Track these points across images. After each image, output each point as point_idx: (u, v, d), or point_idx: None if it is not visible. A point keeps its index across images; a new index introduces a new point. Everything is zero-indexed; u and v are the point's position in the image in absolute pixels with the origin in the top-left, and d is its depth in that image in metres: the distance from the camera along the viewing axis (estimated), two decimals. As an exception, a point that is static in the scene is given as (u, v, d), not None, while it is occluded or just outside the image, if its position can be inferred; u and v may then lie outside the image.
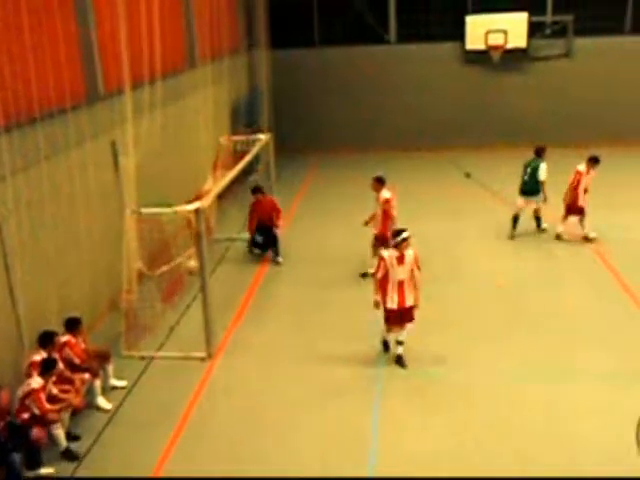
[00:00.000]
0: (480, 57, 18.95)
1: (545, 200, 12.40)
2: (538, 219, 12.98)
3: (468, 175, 17.04)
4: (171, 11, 12.74)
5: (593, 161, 12.21)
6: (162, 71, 10.56)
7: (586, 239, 12.44)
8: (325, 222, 14.19)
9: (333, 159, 19.05)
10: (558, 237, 12.61)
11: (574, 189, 12.26)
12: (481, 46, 18.66)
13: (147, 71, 9.66)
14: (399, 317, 8.35)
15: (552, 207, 12.50)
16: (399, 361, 8.55)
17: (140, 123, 9.52)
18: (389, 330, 8.58)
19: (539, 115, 19.28)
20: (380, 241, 10.61)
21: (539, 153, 12.60)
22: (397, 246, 8.15)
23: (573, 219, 12.52)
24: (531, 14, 18.51)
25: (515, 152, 18.73)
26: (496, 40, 18.49)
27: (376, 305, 8.35)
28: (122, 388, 8.30)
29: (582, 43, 18.62)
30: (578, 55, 18.72)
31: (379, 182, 10.77)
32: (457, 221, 13.94)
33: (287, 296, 10.89)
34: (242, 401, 8.03)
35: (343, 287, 10.98)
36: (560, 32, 18.75)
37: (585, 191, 12.26)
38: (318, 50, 19.80)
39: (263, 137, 12.94)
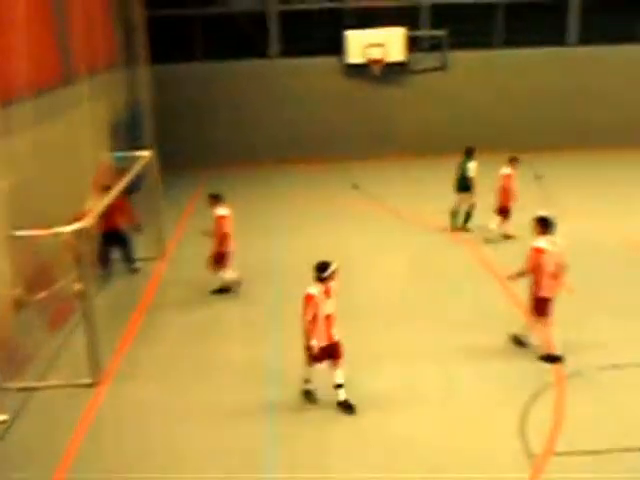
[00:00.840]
0: (361, 71, 19.42)
1: (474, 195, 13.28)
2: (468, 215, 13.65)
3: (356, 186, 17.35)
4: (41, 26, 12.22)
5: (515, 161, 12.99)
6: (34, 87, 10.10)
7: (507, 236, 13.19)
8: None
9: (221, 175, 18.87)
10: (507, 237, 13.17)
11: (504, 191, 12.95)
12: (361, 60, 19.13)
13: (16, 87, 9.20)
14: (327, 353, 7.72)
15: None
16: (346, 406, 7.74)
17: (12, 143, 9.05)
18: (311, 367, 7.85)
19: (420, 125, 19.97)
20: (216, 260, 10.74)
21: (469, 153, 13.38)
22: (323, 280, 7.56)
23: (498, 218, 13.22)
24: (408, 29, 19.19)
25: (400, 161, 19.48)
26: (375, 54, 19.02)
27: (311, 349, 7.61)
28: (2, 423, 7.79)
29: (457, 56, 19.45)
30: (453, 68, 19.52)
31: (214, 199, 10.79)
32: (344, 231, 14.17)
33: (178, 313, 10.66)
34: (132, 428, 7.73)
35: (230, 303, 10.93)
36: (436, 46, 19.51)
37: (511, 191, 12.98)
38: (201, 65, 19.66)
39: (145, 154, 12.63)
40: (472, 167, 13.26)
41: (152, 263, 12.64)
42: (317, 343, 7.58)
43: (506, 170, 13.04)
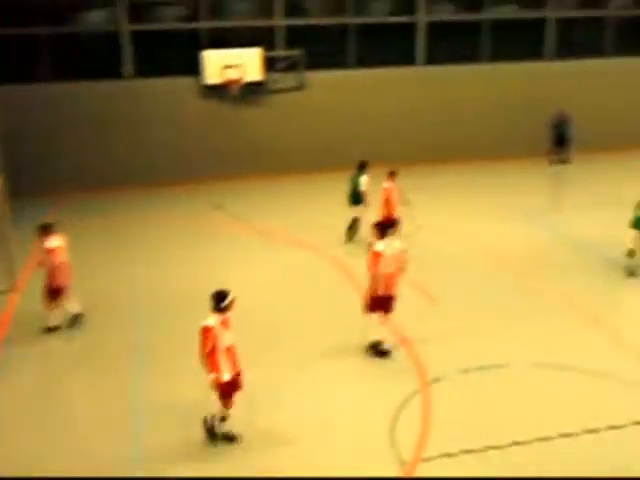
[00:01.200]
0: (219, 91, 19.31)
1: (366, 207, 13.66)
2: (354, 227, 13.98)
3: (219, 207, 17.17)
4: None
5: (393, 174, 13.42)
6: None
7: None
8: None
9: (76, 201, 18.05)
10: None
11: (386, 204, 13.20)
12: (219, 80, 19.04)
13: None
14: (235, 386, 7.46)
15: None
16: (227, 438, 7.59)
17: None
18: (228, 408, 7.43)
19: (281, 144, 20.15)
20: (50, 295, 10.30)
21: (361, 167, 13.82)
22: (222, 310, 7.27)
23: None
24: (265, 49, 19.35)
25: (264, 180, 19.52)
26: (233, 74, 19.00)
27: (216, 382, 7.22)
28: None
29: (313, 76, 19.82)
30: (310, 87, 19.86)
31: (44, 230, 10.31)
32: (209, 254, 13.96)
33: (31, 346, 10.00)
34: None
35: (85, 337, 10.44)
36: (293, 66, 19.79)
37: (394, 204, 13.30)
38: (48, 86, 18.73)
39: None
40: (363, 181, 13.69)
41: (3, 295, 11.82)
42: (228, 376, 7.27)
43: (386, 184, 13.43)
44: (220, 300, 7.27)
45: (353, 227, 14.11)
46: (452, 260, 13.27)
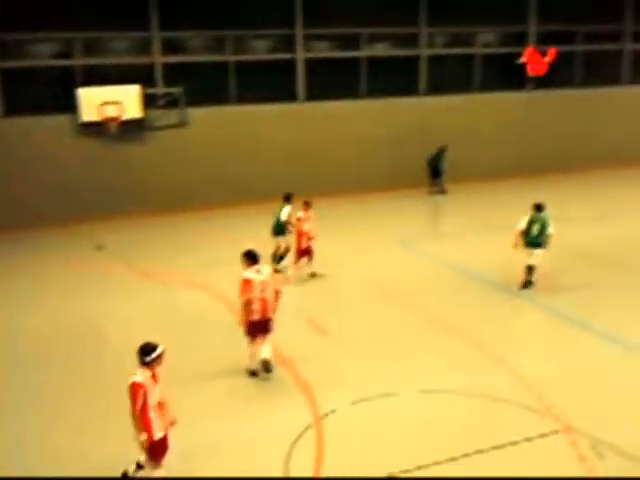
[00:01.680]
0: (97, 129, 18.78)
1: (290, 233, 14.08)
2: (279, 257, 14.23)
3: (100, 248, 16.56)
4: None
5: (308, 204, 13.76)
6: None
7: (312, 275, 14.01)
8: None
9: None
10: (313, 275, 13.98)
11: (299, 234, 13.58)
12: (96, 118, 18.52)
13: None
14: (166, 444, 7.02)
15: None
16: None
17: None
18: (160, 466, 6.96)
19: (165, 181, 19.81)
20: None
21: (287, 199, 14.20)
22: (150, 364, 6.85)
23: (304, 260, 13.81)
24: (144, 86, 19.05)
25: (148, 219, 19.04)
26: (111, 112, 18.56)
27: (148, 442, 6.75)
28: None
29: (195, 112, 19.69)
30: (193, 124, 19.70)
31: None
32: (87, 297, 13.38)
33: None
34: None
35: None
36: (174, 103, 19.58)
37: (308, 233, 13.72)
38: None
39: None
40: (285, 212, 14.03)
41: None
42: (159, 435, 6.83)
43: (301, 214, 13.69)
44: (147, 353, 6.87)
45: (276, 256, 14.25)
46: (339, 291, 13.41)
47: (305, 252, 13.82)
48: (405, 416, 8.71)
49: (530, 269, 13.00)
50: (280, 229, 14.12)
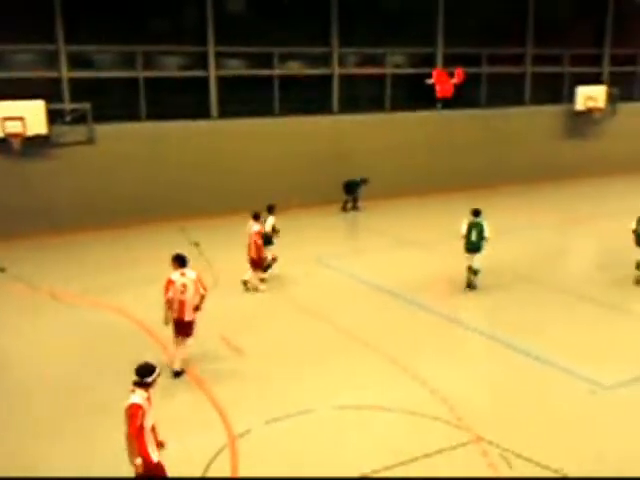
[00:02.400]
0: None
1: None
2: (266, 267, 14.53)
3: (2, 270, 15.78)
4: None
5: (258, 217, 14.16)
6: None
7: (245, 283, 14.31)
8: None
9: None
10: (245, 283, 14.24)
11: (255, 246, 13.91)
12: (-1, 134, 17.78)
13: None
14: (162, 467, 6.83)
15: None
16: None
17: None
18: None
19: (74, 198, 19.16)
20: None
21: (270, 210, 14.99)
22: (148, 385, 6.73)
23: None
24: (49, 102, 18.41)
25: (57, 238, 18.31)
26: (14, 128, 17.81)
27: (144, 466, 6.53)
28: None
29: (103, 129, 19.18)
30: (100, 140, 19.18)
31: None
32: None
33: None
34: None
35: None
36: (81, 119, 19.00)
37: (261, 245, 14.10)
38: None
39: None
40: (269, 223, 14.65)
41: None
42: (157, 457, 6.68)
43: (255, 227, 14.05)
44: (146, 374, 6.73)
45: (269, 265, 14.71)
46: (254, 308, 13.28)
47: (260, 263, 14.23)
48: (321, 433, 8.65)
49: (475, 272, 13.88)
50: (266, 239, 14.47)
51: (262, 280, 14.32)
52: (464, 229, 13.72)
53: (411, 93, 24.96)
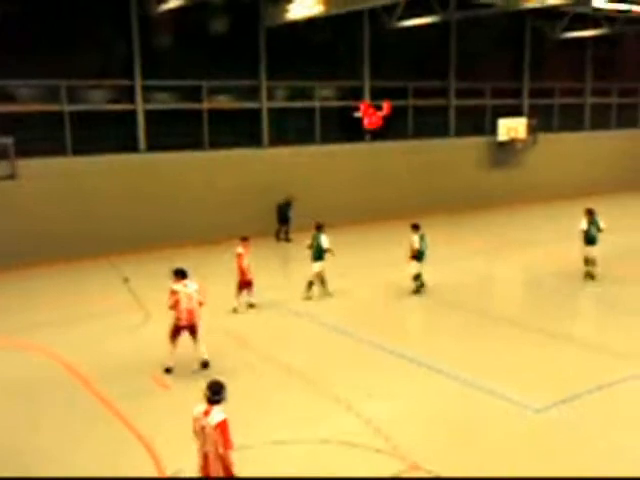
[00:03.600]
0: None
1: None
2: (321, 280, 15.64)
3: None
4: None
5: (246, 240, 14.71)
6: None
7: (251, 306, 14.94)
8: None
9: None
10: (235, 310, 14.73)
11: (240, 268, 14.43)
12: None
13: None
14: None
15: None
16: None
17: None
18: None
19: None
20: None
21: (319, 228, 15.72)
22: (214, 402, 6.99)
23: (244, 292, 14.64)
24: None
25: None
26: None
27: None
28: None
29: (26, 164, 18.63)
30: (23, 176, 18.60)
31: None
32: None
33: None
34: None
35: None
36: (2, 154, 18.41)
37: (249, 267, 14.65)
38: None
39: None
40: (324, 239, 15.43)
41: None
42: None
43: (240, 249, 14.53)
44: (220, 391, 7.02)
45: (315, 282, 15.55)
46: (186, 346, 12.98)
47: (246, 284, 14.75)
48: (259, 469, 8.47)
49: (414, 277, 15.76)
50: (319, 255, 15.38)
51: (252, 305, 15.08)
52: (416, 244, 15.61)
53: (340, 125, 25.32)
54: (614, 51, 32.92)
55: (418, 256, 15.69)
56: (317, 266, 15.56)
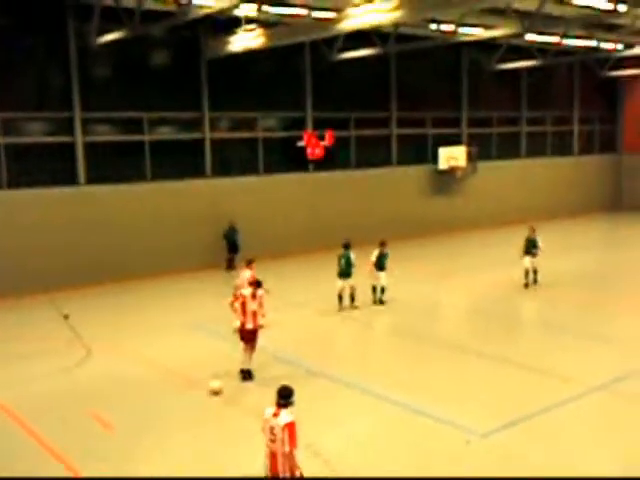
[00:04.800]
0: None
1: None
2: (351, 297, 16.92)
3: None
4: None
5: (251, 262, 15.58)
6: None
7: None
8: None
9: None
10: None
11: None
12: None
13: None
14: None
15: None
16: None
17: None
18: None
19: None
20: None
21: (347, 247, 16.87)
22: (284, 406, 7.26)
23: None
24: None
25: None
26: None
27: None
28: None
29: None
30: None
31: None
32: None
33: None
34: None
35: None
36: None
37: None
38: None
39: None
40: (353, 257, 16.75)
41: None
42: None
43: (246, 272, 15.32)
44: (289, 395, 7.33)
45: (343, 296, 16.78)
46: (126, 380, 12.67)
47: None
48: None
49: (381, 289, 17.34)
50: (348, 272, 16.58)
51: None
52: (374, 257, 17.22)
53: (283, 155, 25.43)
54: (547, 81, 34.14)
55: (379, 267, 17.24)
56: (345, 282, 16.87)
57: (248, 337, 12.47)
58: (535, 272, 19.18)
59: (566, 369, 12.63)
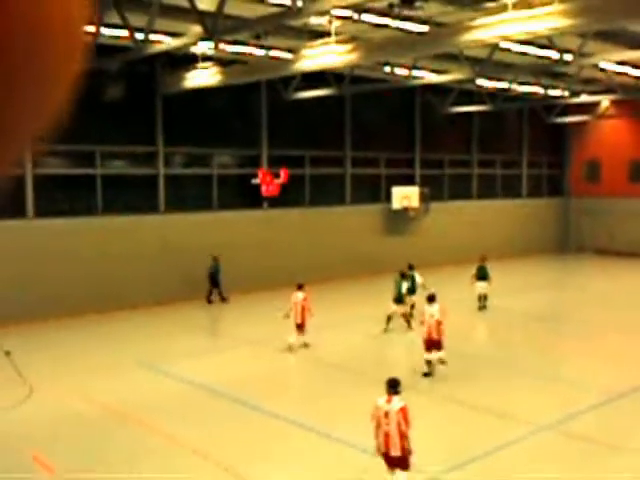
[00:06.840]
0: None
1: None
2: (407, 321, 18.19)
3: None
4: None
5: (302, 287, 16.22)
6: None
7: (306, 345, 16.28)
8: None
9: None
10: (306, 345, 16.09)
11: (302, 310, 16.14)
12: None
13: None
14: None
15: None
16: None
17: None
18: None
19: None
20: None
21: (403, 276, 18.59)
22: (395, 393, 8.74)
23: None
24: None
25: None
26: None
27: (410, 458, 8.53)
28: None
29: None
30: None
31: None
32: None
33: None
34: None
35: None
36: None
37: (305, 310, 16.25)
38: None
39: None
40: (404, 285, 18.29)
41: None
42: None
43: (300, 294, 16.24)
44: (398, 385, 8.77)
45: (407, 320, 18.27)
46: (71, 420, 12.26)
47: (301, 326, 16.22)
48: None
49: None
50: (401, 299, 18.18)
51: (306, 344, 16.56)
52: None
53: (238, 192, 25.40)
54: (497, 126, 35.09)
55: (399, 298, 18.41)
56: (408, 301, 18.84)
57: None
58: (486, 298, 20.52)
59: (516, 408, 12.71)
